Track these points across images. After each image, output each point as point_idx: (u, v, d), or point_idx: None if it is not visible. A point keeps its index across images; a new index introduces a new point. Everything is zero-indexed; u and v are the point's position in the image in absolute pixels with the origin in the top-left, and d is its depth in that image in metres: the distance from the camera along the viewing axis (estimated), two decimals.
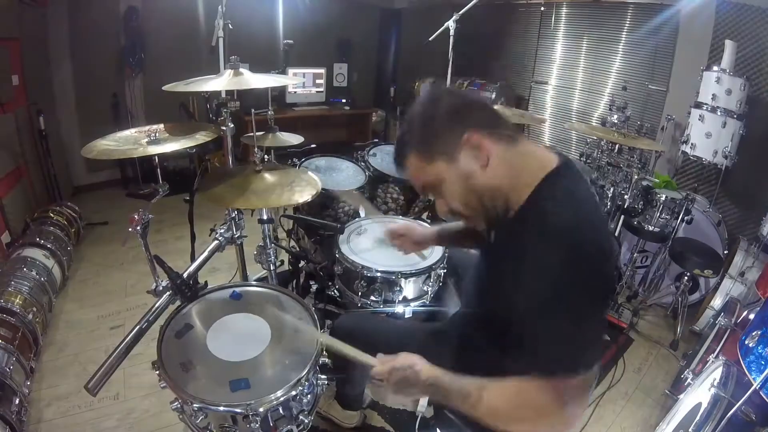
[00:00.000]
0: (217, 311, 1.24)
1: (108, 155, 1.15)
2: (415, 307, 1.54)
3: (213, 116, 1.57)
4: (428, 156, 0.87)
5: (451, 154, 0.85)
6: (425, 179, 0.91)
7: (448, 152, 0.86)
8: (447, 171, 0.87)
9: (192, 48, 3.58)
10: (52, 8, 3.26)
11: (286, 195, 1.32)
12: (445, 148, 0.86)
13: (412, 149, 0.90)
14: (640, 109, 3.15)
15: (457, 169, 0.86)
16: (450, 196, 0.89)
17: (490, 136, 0.84)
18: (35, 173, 2.94)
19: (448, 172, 0.87)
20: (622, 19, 3.26)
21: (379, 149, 2.38)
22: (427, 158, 0.88)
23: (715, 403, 1.28)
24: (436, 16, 2.58)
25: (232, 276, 2.34)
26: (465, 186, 0.87)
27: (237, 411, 0.97)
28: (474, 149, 0.84)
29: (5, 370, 1.50)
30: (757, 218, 2.41)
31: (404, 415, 1.77)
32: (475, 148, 0.84)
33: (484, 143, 0.83)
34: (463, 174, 0.86)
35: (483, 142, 0.83)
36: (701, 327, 2.31)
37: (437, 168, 0.87)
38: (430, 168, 0.88)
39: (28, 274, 2.05)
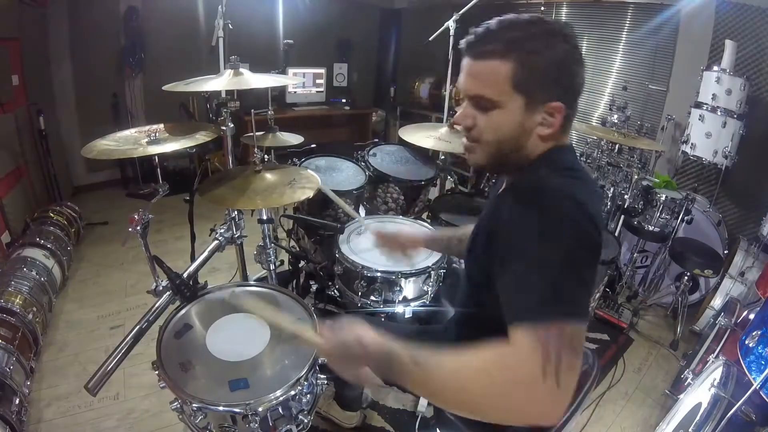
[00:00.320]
0: (217, 311, 1.24)
1: (108, 155, 1.15)
2: (415, 307, 1.54)
3: (213, 116, 1.57)
4: (520, 82, 0.75)
5: (533, 102, 0.76)
6: (487, 92, 0.77)
7: (534, 98, 0.76)
8: (516, 109, 0.77)
9: (192, 48, 3.58)
10: (52, 8, 3.26)
11: (287, 194, 1.32)
12: (538, 93, 0.76)
13: (512, 60, 0.74)
14: (640, 109, 3.15)
15: (524, 117, 0.77)
16: (492, 125, 0.79)
17: (567, 117, 0.79)
18: (35, 173, 2.94)
19: (515, 110, 0.77)
20: (623, 19, 3.26)
21: (379, 149, 2.38)
22: (516, 83, 0.75)
23: (715, 403, 1.28)
24: (436, 16, 2.58)
25: (232, 276, 2.35)
26: (514, 134, 0.79)
27: (236, 411, 0.97)
28: (550, 118, 0.78)
29: (5, 370, 1.50)
30: (757, 218, 2.41)
31: (404, 415, 1.77)
32: (551, 118, 0.78)
33: (560, 122, 0.78)
34: (523, 126, 0.78)
35: (560, 121, 0.78)
36: (701, 327, 2.31)
37: (512, 98, 0.76)
38: (507, 91, 0.75)
39: (28, 274, 2.05)
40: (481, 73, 0.78)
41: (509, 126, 0.79)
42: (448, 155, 2.37)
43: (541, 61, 0.74)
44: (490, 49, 0.76)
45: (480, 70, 0.78)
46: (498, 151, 0.82)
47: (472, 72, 0.79)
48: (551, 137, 0.81)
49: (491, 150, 0.83)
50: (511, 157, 0.83)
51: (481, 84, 0.78)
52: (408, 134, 2.13)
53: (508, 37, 0.75)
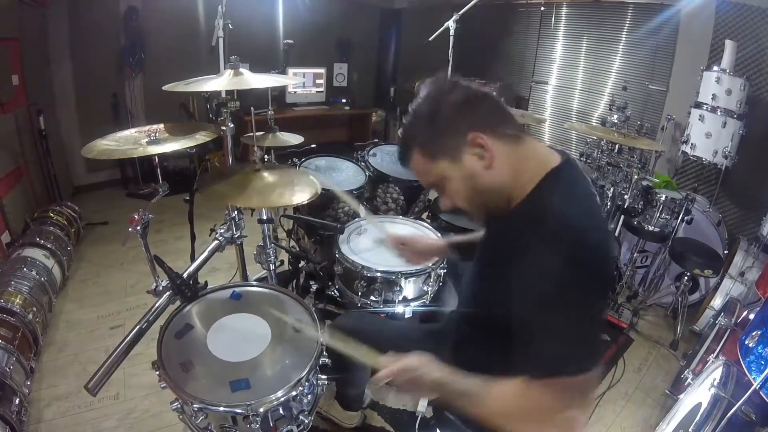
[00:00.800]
0: (217, 311, 1.24)
1: (108, 155, 1.15)
2: (415, 307, 1.54)
3: (213, 116, 1.57)
4: (432, 155, 0.87)
5: (455, 154, 0.85)
6: (429, 178, 0.91)
7: (452, 152, 0.85)
8: (451, 170, 0.86)
9: (192, 48, 3.58)
10: (52, 8, 3.26)
11: (287, 195, 1.32)
12: (449, 147, 0.85)
13: (416, 147, 0.89)
14: (640, 109, 3.15)
15: (461, 169, 0.85)
16: (454, 193, 0.89)
17: (495, 135, 0.83)
18: (35, 173, 2.94)
19: (451, 171, 0.86)
20: (622, 19, 3.26)
21: (379, 149, 2.37)
22: (430, 157, 0.87)
23: (715, 403, 1.28)
24: (436, 16, 2.58)
25: (232, 276, 2.34)
26: (469, 185, 0.86)
27: (237, 411, 0.97)
28: (478, 149, 0.83)
29: (5, 370, 1.50)
30: (757, 218, 2.41)
31: (404, 415, 1.77)
32: (479, 148, 0.83)
33: (488, 144, 0.82)
34: (467, 174, 0.85)
35: (487, 143, 0.82)
36: (701, 327, 2.31)
37: (441, 167, 0.87)
38: (433, 167, 0.88)
39: (28, 274, 2.05)
40: (415, 171, 0.92)
41: (463, 184, 0.87)
42: None
43: (433, 128, 0.85)
44: (404, 155, 0.92)
45: (413, 170, 0.93)
46: (477, 205, 0.90)
47: (415, 173, 0.93)
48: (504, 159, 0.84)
49: (473, 207, 0.91)
50: (490, 200, 0.88)
51: (421, 177, 0.93)
52: None
53: (405, 138, 0.91)
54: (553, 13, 3.69)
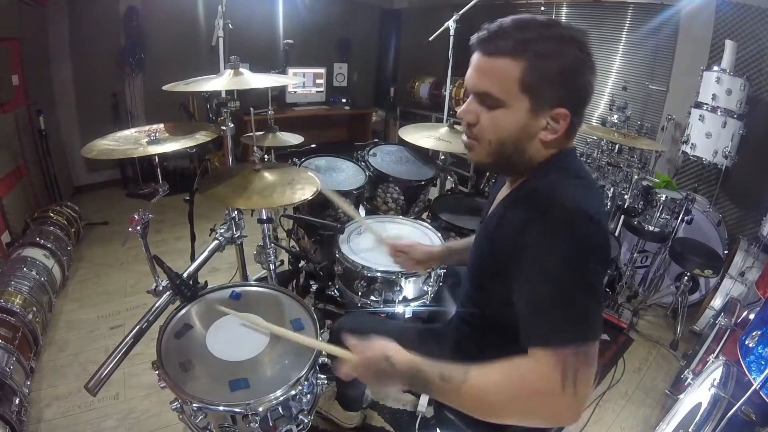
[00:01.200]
0: (217, 311, 1.24)
1: (108, 155, 1.15)
2: (415, 307, 1.54)
3: (213, 116, 1.57)
4: (527, 84, 0.74)
5: (539, 104, 0.76)
6: (494, 90, 0.77)
7: (540, 99, 0.75)
8: (520, 111, 0.76)
9: (192, 48, 3.58)
10: (52, 8, 3.26)
11: (288, 194, 1.32)
12: (542, 94, 0.75)
13: (523, 60, 0.73)
14: (640, 109, 3.15)
15: (528, 120, 0.77)
16: (494, 124, 0.79)
17: (572, 124, 0.79)
18: (35, 173, 2.94)
19: (520, 112, 0.76)
20: (623, 19, 3.26)
21: (379, 149, 2.37)
22: (523, 83, 0.74)
23: (715, 403, 1.28)
24: (436, 16, 2.58)
25: (232, 276, 2.35)
26: (516, 136, 0.79)
27: (236, 411, 0.97)
28: (554, 123, 0.77)
29: (5, 370, 1.50)
30: (757, 218, 2.42)
31: (404, 415, 1.77)
32: (555, 123, 0.77)
33: (565, 128, 0.78)
34: (526, 129, 0.78)
35: (565, 127, 0.77)
36: (701, 327, 2.31)
37: (518, 99, 0.76)
38: (513, 90, 0.75)
39: (28, 274, 2.05)
40: (490, 69, 0.77)
41: (512, 127, 0.78)
42: (448, 155, 2.37)
43: (551, 65, 0.74)
44: (501, 47, 0.75)
45: (489, 66, 0.77)
46: (499, 152, 0.82)
47: (480, 68, 0.78)
48: (554, 143, 0.80)
49: (492, 149, 0.82)
50: (512, 158, 0.83)
51: (488, 81, 0.77)
52: (408, 134, 2.13)
53: (522, 37, 0.74)
54: (553, 13, 3.69)
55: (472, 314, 1.03)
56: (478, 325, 1.00)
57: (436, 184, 2.47)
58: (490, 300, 0.91)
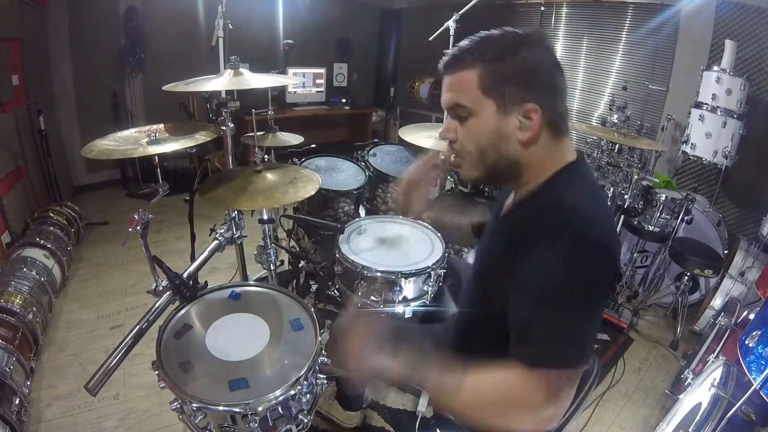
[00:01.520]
0: (216, 311, 1.24)
1: (108, 155, 1.15)
2: (415, 307, 1.54)
3: (213, 116, 1.57)
4: (485, 86, 0.78)
5: (505, 105, 0.78)
6: (461, 100, 0.81)
7: (504, 100, 0.78)
8: (489, 114, 0.79)
9: (192, 48, 3.58)
10: (52, 8, 3.26)
11: (290, 193, 1.32)
12: (506, 95, 0.78)
13: (478, 64, 0.78)
14: (640, 109, 3.15)
15: (498, 122, 0.79)
16: (470, 134, 0.83)
17: (548, 119, 0.79)
18: (35, 173, 2.94)
19: (488, 115, 0.79)
20: (623, 19, 3.26)
21: (379, 149, 2.38)
22: (482, 86, 0.78)
23: (715, 403, 1.28)
24: (436, 16, 2.58)
25: (232, 276, 2.35)
26: (492, 141, 0.81)
27: (236, 411, 0.97)
28: (526, 120, 0.79)
29: (5, 370, 1.50)
30: (757, 218, 2.42)
31: (404, 415, 1.77)
32: (528, 120, 0.78)
33: (537, 123, 0.78)
34: (500, 131, 0.80)
35: (537, 122, 0.78)
36: (701, 327, 2.31)
37: (482, 103, 0.79)
38: (475, 96, 0.79)
39: (28, 274, 2.05)
40: (453, 84, 0.83)
41: (485, 132, 0.81)
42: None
43: (506, 65, 0.78)
44: (459, 62, 0.81)
45: (452, 81, 0.83)
46: (482, 161, 0.84)
47: (447, 86, 0.84)
48: (533, 141, 0.80)
49: (475, 160, 0.85)
50: (498, 165, 0.84)
51: (454, 94, 0.83)
52: (408, 134, 2.12)
53: (475, 49, 0.80)
54: (553, 13, 3.69)
55: (473, 315, 1.03)
56: (480, 327, 1.00)
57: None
58: (492, 303, 0.91)
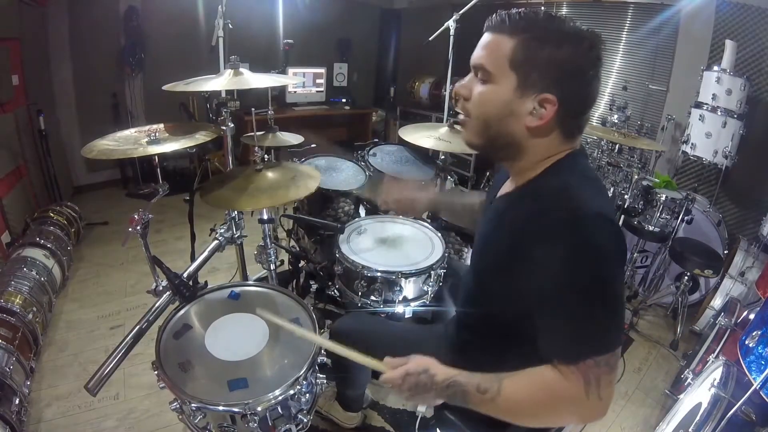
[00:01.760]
0: (216, 311, 1.24)
1: (108, 155, 1.15)
2: (415, 307, 1.54)
3: (213, 116, 1.57)
4: (514, 59, 0.76)
5: (526, 85, 0.76)
6: (487, 62, 0.78)
7: (527, 81, 0.76)
8: (507, 88, 0.77)
9: (192, 48, 3.58)
10: (52, 8, 3.26)
11: (292, 190, 1.32)
12: (530, 76, 0.76)
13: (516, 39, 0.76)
14: (640, 108, 3.15)
15: (513, 98, 0.77)
16: (482, 98, 0.81)
17: (563, 117, 0.77)
18: (35, 173, 2.94)
19: (506, 88, 0.77)
20: (623, 18, 3.26)
21: (379, 149, 2.37)
22: (513, 60, 0.76)
23: (715, 403, 1.28)
24: (436, 16, 2.58)
25: (232, 276, 2.35)
26: (499, 114, 0.79)
27: (235, 410, 0.97)
28: (541, 109, 0.76)
29: (5, 370, 1.50)
30: (757, 218, 2.42)
31: (404, 415, 1.77)
32: (541, 109, 0.76)
33: (551, 117, 0.76)
34: (510, 107, 0.78)
35: (551, 116, 0.76)
36: (701, 327, 2.31)
37: (506, 76, 0.77)
38: (503, 66, 0.77)
39: (28, 274, 2.05)
40: (488, 44, 0.80)
41: (496, 102, 0.79)
42: (448, 155, 2.36)
43: (543, 50, 0.75)
44: (503, 25, 0.78)
45: (487, 41, 0.80)
46: (484, 130, 0.82)
47: (482, 43, 0.81)
48: (540, 131, 0.79)
49: (478, 127, 0.83)
50: (497, 140, 0.82)
51: (483, 54, 0.80)
52: (408, 134, 2.12)
53: (524, 20, 0.77)
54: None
55: (472, 315, 1.03)
56: (479, 325, 1.00)
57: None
58: (492, 299, 0.91)
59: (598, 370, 0.69)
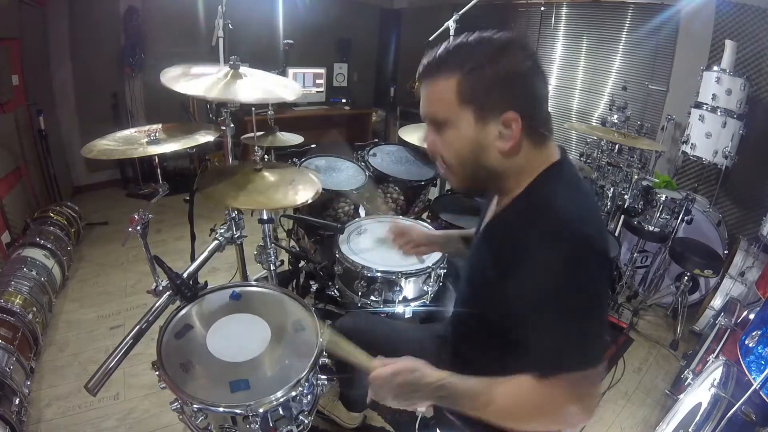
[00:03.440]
0: (217, 311, 1.24)
1: (108, 155, 1.15)
2: (415, 307, 1.54)
3: (213, 116, 1.57)
4: (462, 96, 0.76)
5: (483, 115, 0.76)
6: (438, 111, 0.80)
7: (482, 111, 0.76)
8: (466, 124, 0.77)
9: (192, 48, 3.58)
10: (52, 8, 3.26)
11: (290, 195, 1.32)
12: (484, 105, 0.75)
13: (456, 73, 0.75)
14: (640, 109, 3.15)
15: (477, 132, 0.77)
16: (449, 144, 0.81)
17: (528, 127, 0.77)
18: (35, 173, 2.94)
19: (466, 125, 0.77)
20: (622, 19, 3.26)
21: (379, 149, 2.37)
22: (459, 96, 0.76)
23: (715, 403, 1.29)
24: (436, 16, 2.58)
25: (232, 276, 2.34)
26: (471, 151, 0.79)
27: (237, 412, 0.97)
28: (506, 130, 0.76)
29: (5, 370, 1.50)
30: (757, 218, 2.42)
31: (404, 415, 1.76)
32: (507, 129, 0.76)
33: (517, 132, 0.76)
34: (479, 142, 0.78)
35: (517, 131, 0.76)
36: (701, 327, 2.31)
37: (460, 113, 0.77)
38: (452, 106, 0.77)
39: (28, 274, 2.05)
40: (430, 94, 0.81)
41: (463, 143, 0.79)
42: None
43: (485, 73, 0.75)
44: (437, 71, 0.78)
45: (429, 91, 0.81)
46: (463, 172, 0.83)
47: (424, 95, 0.82)
48: (514, 151, 0.78)
49: (457, 171, 0.84)
50: (479, 175, 0.82)
51: (431, 105, 0.81)
52: (408, 134, 2.13)
53: (452, 57, 0.77)
54: (553, 13, 3.69)
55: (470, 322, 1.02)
56: (476, 326, 0.99)
57: (436, 184, 2.46)
58: (489, 309, 0.90)
59: (585, 383, 0.72)
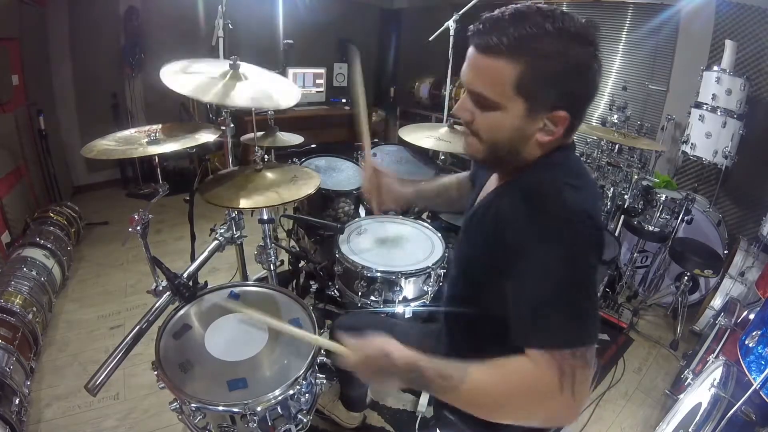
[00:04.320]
0: (216, 311, 1.24)
1: (108, 155, 1.15)
2: (415, 307, 1.54)
3: (213, 116, 1.57)
4: (524, 86, 0.71)
5: (536, 107, 0.73)
6: (489, 92, 0.73)
7: (537, 102, 0.72)
8: (516, 114, 0.73)
9: (192, 48, 3.56)
10: (52, 8, 3.26)
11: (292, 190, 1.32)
12: (540, 96, 0.72)
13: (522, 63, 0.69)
14: (640, 108, 3.15)
15: (524, 123, 0.74)
16: (489, 125, 0.77)
17: (571, 124, 0.76)
18: (35, 173, 2.94)
19: (515, 115, 0.74)
20: (622, 19, 3.26)
21: (379, 149, 2.38)
22: (519, 86, 0.71)
23: (715, 403, 1.28)
24: (436, 16, 2.58)
25: (232, 276, 2.35)
26: (510, 138, 0.77)
27: (235, 411, 0.97)
28: (552, 126, 0.74)
29: (5, 370, 1.50)
30: (757, 218, 2.42)
31: (404, 415, 1.77)
32: (553, 126, 0.74)
33: (561, 132, 0.75)
34: (522, 132, 0.76)
35: (563, 130, 0.75)
36: (701, 327, 2.31)
37: (512, 102, 0.73)
38: (508, 93, 0.72)
39: (28, 274, 2.05)
40: (484, 69, 0.73)
41: (506, 129, 0.76)
42: (448, 155, 2.37)
43: (552, 66, 0.69)
44: (497, 45, 0.70)
45: (484, 66, 0.73)
46: (493, 152, 0.81)
47: (475, 66, 0.74)
48: (550, 144, 0.78)
49: (486, 148, 0.81)
50: (505, 158, 0.81)
51: (482, 82, 0.74)
52: (408, 134, 2.12)
53: (520, 33, 0.69)
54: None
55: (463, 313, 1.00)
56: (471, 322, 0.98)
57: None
58: (482, 296, 0.89)
59: (573, 363, 0.65)
